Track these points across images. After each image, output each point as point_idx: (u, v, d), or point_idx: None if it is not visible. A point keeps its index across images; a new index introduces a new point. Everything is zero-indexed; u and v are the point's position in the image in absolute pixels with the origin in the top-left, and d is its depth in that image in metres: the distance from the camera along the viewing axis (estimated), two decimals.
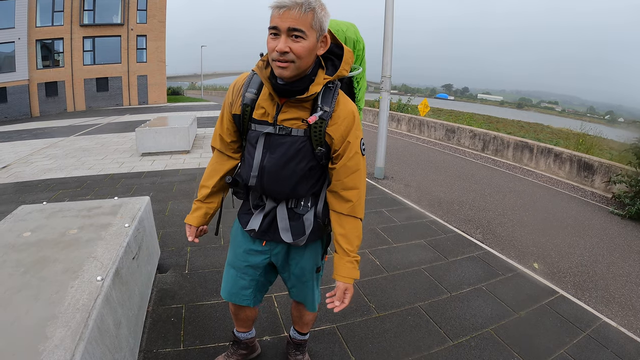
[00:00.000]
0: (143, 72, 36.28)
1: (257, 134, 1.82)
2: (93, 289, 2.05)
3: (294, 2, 1.52)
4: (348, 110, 1.81)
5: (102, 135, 14.49)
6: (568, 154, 11.30)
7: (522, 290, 4.20)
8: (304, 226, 1.96)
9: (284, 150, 1.78)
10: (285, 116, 1.77)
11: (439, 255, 4.84)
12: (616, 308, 4.44)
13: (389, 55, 8.78)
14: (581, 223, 7.39)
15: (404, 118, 20.09)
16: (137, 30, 35.16)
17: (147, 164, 9.12)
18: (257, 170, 1.84)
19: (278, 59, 1.59)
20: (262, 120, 1.81)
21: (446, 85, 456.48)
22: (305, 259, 2.10)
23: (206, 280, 3.78)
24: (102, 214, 3.14)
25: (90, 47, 33.83)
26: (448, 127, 16.80)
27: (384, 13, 8.72)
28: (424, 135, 18.11)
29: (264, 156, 1.81)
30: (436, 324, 3.41)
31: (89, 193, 6.73)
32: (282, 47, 1.55)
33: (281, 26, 1.54)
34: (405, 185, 8.83)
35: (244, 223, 2.06)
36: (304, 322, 2.47)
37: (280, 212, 1.96)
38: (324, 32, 1.66)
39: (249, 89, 1.83)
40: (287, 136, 1.77)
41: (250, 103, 1.82)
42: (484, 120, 36.92)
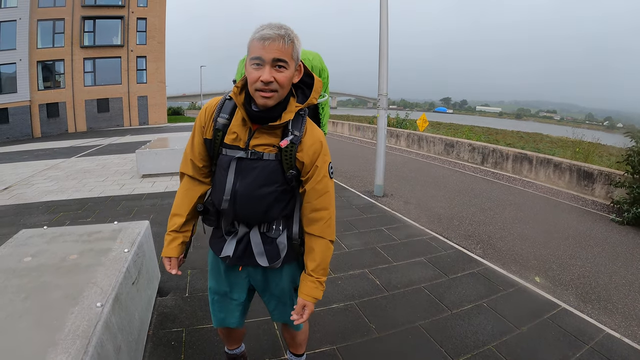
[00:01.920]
0: (143, 93, 36.49)
1: (228, 159, 1.84)
2: (93, 315, 2.06)
3: (277, 35, 1.61)
4: (315, 138, 1.89)
5: (103, 156, 14.55)
6: (567, 164, 11.29)
7: (523, 305, 4.18)
8: (278, 249, 1.99)
9: (256, 174, 1.82)
10: (257, 141, 1.82)
11: (440, 272, 4.83)
12: (619, 319, 4.40)
13: (384, 73, 8.85)
14: (582, 233, 7.35)
15: (402, 134, 20.11)
16: (137, 51, 35.46)
17: (148, 186, 9.15)
18: (230, 195, 1.85)
19: (262, 89, 1.65)
20: (233, 145, 1.84)
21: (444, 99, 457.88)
22: (284, 280, 2.12)
23: (206, 303, 3.70)
24: (102, 238, 3.15)
25: (90, 69, 34.08)
26: (447, 142, 16.81)
27: (379, 32, 8.82)
28: (423, 151, 18.12)
29: (236, 180, 1.84)
30: (437, 343, 3.40)
31: (89, 215, 6.74)
32: (267, 77, 1.62)
33: (266, 57, 1.61)
34: (405, 202, 8.81)
35: (217, 250, 2.06)
36: (297, 343, 2.48)
37: (254, 237, 1.97)
38: (299, 61, 1.76)
39: (221, 114, 1.86)
40: (259, 160, 1.82)
41: (222, 128, 1.85)
42: (483, 132, 36.94)
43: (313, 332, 3.38)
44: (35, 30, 31.42)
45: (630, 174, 8.75)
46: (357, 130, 26.28)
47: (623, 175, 9.11)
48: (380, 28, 8.79)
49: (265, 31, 1.61)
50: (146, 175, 10.24)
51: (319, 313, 3.74)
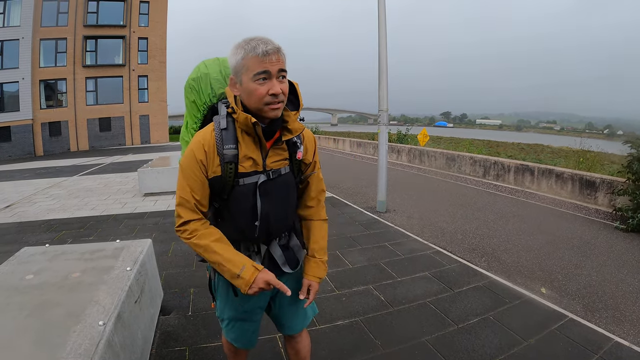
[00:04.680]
0: (145, 112, 36.71)
1: (249, 187, 1.79)
2: (95, 333, 2.04)
3: (276, 48, 1.65)
4: (309, 137, 2.03)
5: (105, 175, 14.61)
6: (569, 173, 11.28)
7: (530, 316, 4.15)
8: (294, 252, 2.07)
9: (281, 192, 1.88)
10: (272, 159, 1.84)
11: (444, 286, 4.80)
12: (628, 327, 4.34)
13: (384, 89, 8.89)
14: (587, 242, 7.31)
15: (404, 149, 20.16)
16: (139, 70, 35.78)
17: (150, 204, 9.16)
18: (261, 219, 1.83)
19: (272, 102, 1.66)
20: (251, 171, 1.79)
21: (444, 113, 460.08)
22: (297, 281, 2.14)
23: (210, 322, 3.74)
24: (104, 257, 3.14)
25: (92, 88, 34.37)
26: (448, 156, 16.83)
27: (378, 49, 8.90)
28: (424, 165, 18.14)
29: (263, 203, 1.82)
30: (444, 358, 3.35)
31: (92, 234, 6.73)
32: (278, 89, 1.64)
33: (272, 70, 1.63)
34: (408, 217, 8.78)
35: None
36: (301, 358, 2.43)
37: (275, 250, 1.99)
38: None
39: (226, 145, 1.76)
40: (279, 177, 1.86)
41: (234, 159, 1.76)
42: (484, 145, 37.02)
43: (319, 349, 3.35)
44: (38, 49, 31.79)
45: (632, 181, 8.73)
46: (358, 147, 26.36)
47: (625, 182, 9.09)
48: (379, 44, 8.86)
49: (265, 47, 1.62)
50: (148, 194, 10.27)
51: (324, 330, 3.72)
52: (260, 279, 1.77)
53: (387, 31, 8.90)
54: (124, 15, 34.65)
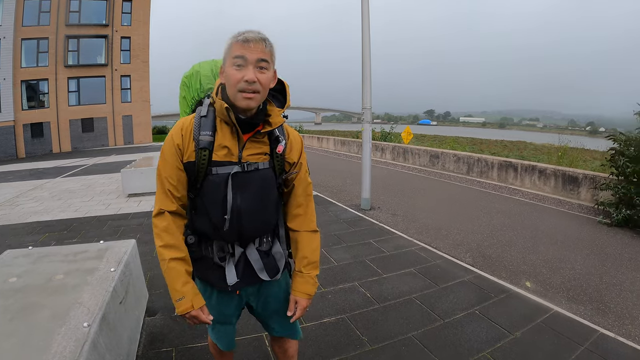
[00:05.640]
0: (128, 112, 36.31)
1: (222, 177, 1.77)
2: (80, 335, 2.03)
3: (260, 37, 1.65)
4: (297, 137, 1.99)
5: (88, 176, 14.50)
6: (552, 169, 11.41)
7: (516, 310, 4.20)
8: (275, 260, 1.99)
9: (256, 186, 1.81)
10: (249, 152, 1.80)
11: (430, 282, 4.83)
12: (613, 318, 4.42)
13: (368, 87, 8.93)
14: (570, 236, 7.42)
15: (387, 147, 20.22)
16: (121, 70, 35.36)
17: (134, 205, 9.11)
18: (231, 212, 1.78)
19: (245, 89, 1.64)
20: (225, 160, 1.77)
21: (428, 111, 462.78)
22: (282, 292, 2.13)
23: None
24: (88, 258, 3.12)
25: (75, 88, 33.87)
26: (432, 153, 16.92)
27: (362, 47, 8.93)
28: (408, 163, 18.22)
29: (236, 197, 1.78)
30: (431, 352, 3.38)
31: (75, 236, 6.67)
32: (252, 76, 1.62)
33: (250, 57, 1.63)
34: (392, 214, 8.83)
35: (216, 281, 1.94)
36: (288, 357, 2.42)
37: (251, 254, 1.92)
38: (274, 68, 1.77)
39: (202, 132, 1.77)
40: (256, 171, 1.81)
41: (209, 146, 1.76)
42: (468, 142, 37.26)
43: (305, 347, 3.36)
44: (19, 49, 31.26)
45: (615, 175, 8.84)
46: (342, 145, 26.41)
47: (608, 177, 9.21)
48: (363, 43, 8.90)
49: (247, 34, 1.64)
50: (132, 195, 10.20)
51: (311, 327, 3.72)
52: (189, 316, 1.84)
53: (372, 29, 8.93)
54: (107, 14, 34.19)
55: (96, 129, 35.08)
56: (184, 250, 1.86)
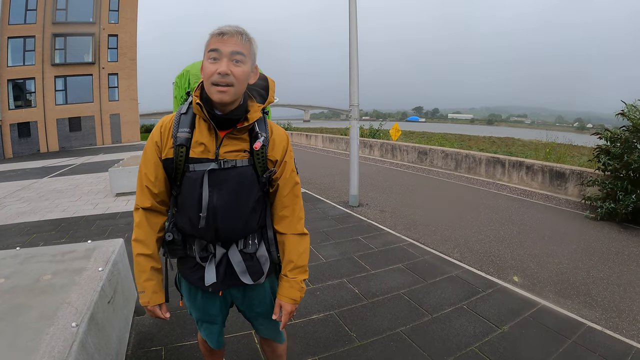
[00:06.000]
0: (115, 111, 36.02)
1: (198, 174, 1.75)
2: (68, 335, 2.02)
3: (235, 31, 1.65)
4: (282, 135, 1.92)
5: (76, 176, 14.42)
6: (539, 165, 11.47)
7: (503, 304, 4.24)
8: (259, 264, 1.95)
9: (232, 184, 1.78)
10: (227, 149, 1.78)
11: (418, 278, 4.86)
12: (600, 311, 4.47)
13: (355, 84, 8.94)
14: (557, 231, 7.49)
15: (376, 144, 20.22)
16: (109, 68, 35.05)
17: (122, 204, 9.08)
18: (207, 211, 1.77)
19: (219, 82, 1.63)
20: (202, 157, 1.76)
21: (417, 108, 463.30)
22: (266, 295, 2.12)
23: (185, 321, 3.72)
24: (75, 258, 3.11)
25: (62, 87, 33.51)
26: (420, 150, 16.94)
27: (349, 43, 8.93)
28: (396, 160, 18.23)
29: (212, 195, 1.76)
30: (419, 347, 3.41)
31: (63, 236, 6.65)
32: (225, 68, 1.61)
33: (224, 49, 1.62)
34: (381, 210, 8.86)
35: (195, 280, 1.95)
36: (277, 355, 2.44)
37: (234, 256, 1.90)
38: (255, 63, 1.76)
39: (180, 129, 1.78)
40: (233, 169, 1.77)
41: (186, 143, 1.76)
42: (456, 139, 37.36)
43: (294, 344, 3.38)
44: (5, 48, 30.88)
45: (601, 171, 8.93)
46: (330, 142, 26.39)
47: (594, 172, 9.29)
48: (350, 37, 8.90)
49: (224, 27, 1.64)
50: (120, 194, 10.16)
51: (299, 324, 3.74)
52: (147, 310, 1.96)
53: (360, 27, 8.93)
54: (94, 11, 33.81)
55: (84, 128, 34.78)
56: (152, 247, 1.89)
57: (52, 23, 32.16)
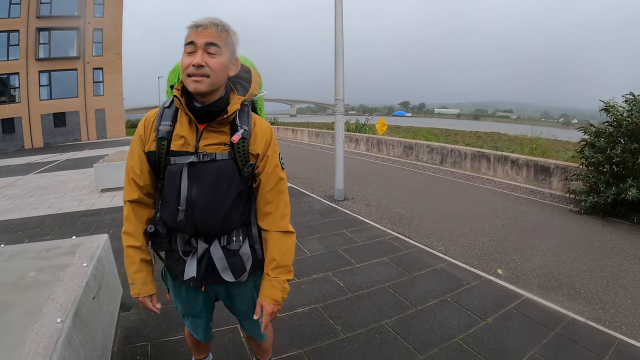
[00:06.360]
0: (100, 106, 35.71)
1: (178, 167, 1.75)
2: (53, 331, 2.02)
3: (211, 22, 1.64)
4: (265, 128, 1.88)
5: (60, 172, 14.31)
6: (524, 160, 11.56)
7: (487, 297, 4.29)
8: (242, 261, 1.93)
9: (212, 178, 1.76)
10: (207, 142, 1.76)
11: (403, 271, 4.90)
12: (583, 303, 4.53)
13: (340, 78, 8.91)
14: (542, 225, 7.56)
15: (362, 138, 20.22)
16: (94, 63, 34.73)
17: (107, 200, 9.03)
18: (186, 204, 1.76)
19: (194, 73, 1.63)
20: (182, 150, 1.76)
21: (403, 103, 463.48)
22: (249, 294, 2.11)
23: (170, 316, 3.71)
24: (60, 254, 3.10)
25: (46, 82, 33.11)
26: (406, 144, 16.98)
27: (334, 38, 8.90)
28: (382, 154, 18.27)
29: (191, 188, 1.75)
30: (404, 339, 3.45)
31: (48, 233, 6.61)
32: (198, 60, 1.61)
33: (198, 41, 1.62)
34: (366, 204, 8.89)
35: (177, 274, 1.95)
36: (263, 350, 2.46)
37: (215, 251, 1.88)
38: (235, 55, 1.76)
39: (163, 122, 1.80)
40: (213, 162, 1.76)
41: (167, 136, 1.77)
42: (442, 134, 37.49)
43: (280, 337, 3.39)
44: None
45: (585, 166, 9.03)
46: (316, 137, 26.37)
47: (578, 167, 9.40)
48: (336, 30, 8.86)
49: (199, 20, 1.65)
50: (105, 190, 10.10)
51: (284, 318, 3.76)
52: (138, 301, 2.03)
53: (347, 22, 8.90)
54: (79, 5, 33.41)
55: (68, 123, 34.44)
56: (140, 239, 1.91)
57: (37, 17, 31.72)
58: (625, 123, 8.14)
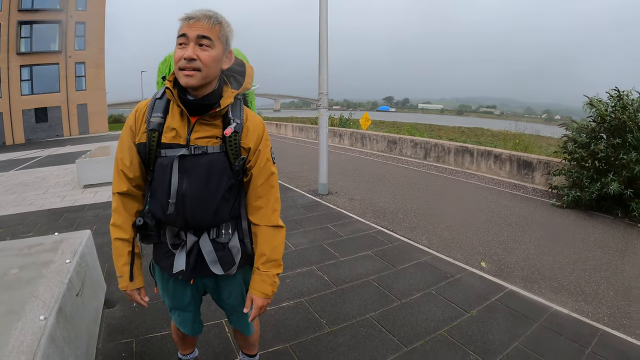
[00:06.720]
0: (83, 101, 35.19)
1: (169, 159, 1.74)
2: (37, 329, 2.01)
3: (203, 15, 1.62)
4: (257, 122, 1.88)
5: (42, 168, 14.15)
6: (507, 154, 11.67)
7: (471, 289, 4.34)
8: (231, 254, 1.93)
9: (202, 171, 1.75)
10: (198, 135, 1.75)
11: (387, 264, 4.93)
12: (566, 295, 4.59)
13: (324, 72, 8.89)
14: (524, 218, 7.65)
15: (346, 133, 20.26)
16: (76, 57, 34.17)
17: (90, 196, 8.96)
18: (176, 197, 1.75)
19: (185, 67, 1.61)
20: (173, 143, 1.75)
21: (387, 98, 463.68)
22: (237, 288, 2.10)
23: (155, 312, 3.69)
24: (43, 251, 3.08)
25: (27, 76, 32.43)
26: (390, 139, 17.05)
27: (319, 32, 8.85)
28: (366, 149, 18.32)
29: (181, 181, 1.74)
30: (389, 332, 3.48)
31: (31, 230, 6.53)
32: (190, 53, 1.59)
33: (190, 34, 1.60)
34: (350, 199, 8.91)
35: (166, 267, 1.94)
36: (249, 344, 2.46)
37: (205, 245, 1.87)
38: (229, 48, 1.75)
39: (154, 113, 1.77)
40: (204, 155, 1.75)
41: (158, 127, 1.75)
42: (426, 129, 37.65)
43: (265, 331, 3.39)
44: None
45: (567, 161, 9.13)
46: (300, 131, 26.36)
47: (561, 162, 9.50)
48: (320, 25, 8.82)
49: (192, 12, 1.63)
50: (87, 186, 10.00)
51: (269, 312, 3.76)
52: (126, 294, 2.00)
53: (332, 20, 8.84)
54: None
55: (50, 119, 33.87)
56: (129, 232, 1.90)
57: (18, 10, 31.07)
58: (609, 119, 8.24)
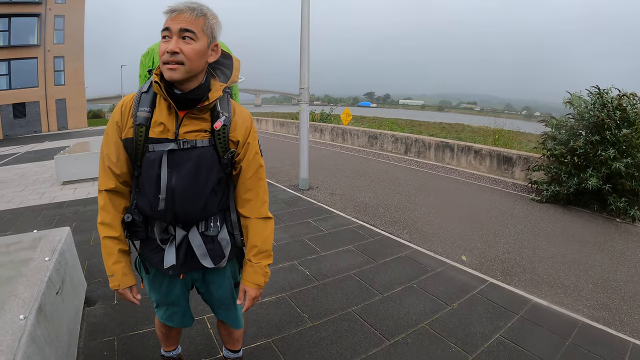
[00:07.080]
0: (61, 96, 34.67)
1: (158, 154, 1.72)
2: (16, 328, 1.98)
3: (186, 7, 1.59)
4: (245, 116, 1.88)
5: (20, 165, 13.94)
6: (487, 150, 11.82)
7: (452, 283, 4.40)
8: (221, 247, 1.93)
9: (192, 165, 1.74)
10: (187, 129, 1.74)
11: (368, 258, 4.96)
12: (546, 288, 4.69)
13: (306, 68, 8.88)
14: (504, 213, 7.76)
15: (326, 128, 20.29)
16: (54, 51, 33.56)
17: (69, 193, 8.85)
18: (166, 192, 1.73)
19: (168, 60, 1.60)
20: (161, 137, 1.73)
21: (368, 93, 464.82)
22: (225, 281, 2.10)
23: (136, 310, 3.66)
24: (21, 249, 3.05)
25: (5, 71, 31.76)
26: (370, 134, 17.13)
27: (300, 26, 8.83)
28: (347, 144, 18.38)
29: (171, 176, 1.73)
30: (371, 326, 3.51)
31: (9, 228, 6.44)
32: (172, 47, 1.57)
33: (173, 27, 1.58)
34: (331, 193, 8.94)
35: (156, 262, 1.92)
36: (233, 339, 2.46)
37: (194, 238, 1.87)
38: (215, 40, 1.72)
39: (141, 108, 1.74)
40: (193, 149, 1.74)
41: (145, 122, 1.72)
42: (407, 124, 37.85)
43: (247, 327, 3.38)
44: None
45: (546, 157, 9.26)
46: (281, 127, 26.34)
47: (540, 158, 9.64)
48: (302, 19, 8.80)
49: (175, 5, 1.60)
50: (67, 182, 9.88)
51: (252, 308, 3.76)
52: (118, 293, 1.95)
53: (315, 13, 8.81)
54: None
55: (28, 114, 33.29)
56: (118, 229, 1.87)
57: None
58: (587, 116, 8.39)
